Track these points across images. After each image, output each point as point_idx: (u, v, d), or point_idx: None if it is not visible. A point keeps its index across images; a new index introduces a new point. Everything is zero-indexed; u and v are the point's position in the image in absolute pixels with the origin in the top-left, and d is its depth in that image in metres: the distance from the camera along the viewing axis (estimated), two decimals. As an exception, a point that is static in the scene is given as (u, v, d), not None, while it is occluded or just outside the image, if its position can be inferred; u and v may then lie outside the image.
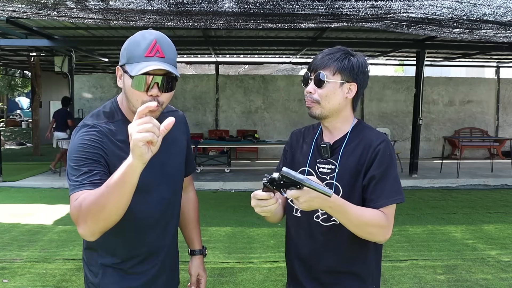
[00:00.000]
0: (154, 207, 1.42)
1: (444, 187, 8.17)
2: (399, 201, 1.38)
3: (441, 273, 3.92)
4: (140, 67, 1.21)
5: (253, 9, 4.69)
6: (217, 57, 11.79)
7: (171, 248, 1.55)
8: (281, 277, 3.74)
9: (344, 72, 1.40)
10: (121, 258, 1.41)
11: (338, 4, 4.45)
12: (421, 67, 8.73)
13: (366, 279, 1.45)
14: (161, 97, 1.27)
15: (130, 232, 1.39)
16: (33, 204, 6.49)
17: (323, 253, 1.45)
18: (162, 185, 1.43)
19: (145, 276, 1.44)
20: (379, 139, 1.41)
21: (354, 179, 1.39)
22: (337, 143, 1.45)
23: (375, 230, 1.33)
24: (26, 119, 20.84)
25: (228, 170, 9.28)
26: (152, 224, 1.43)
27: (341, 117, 1.46)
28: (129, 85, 1.26)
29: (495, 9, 4.26)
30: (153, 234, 1.44)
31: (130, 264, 1.42)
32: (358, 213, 1.31)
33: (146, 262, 1.44)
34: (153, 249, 1.45)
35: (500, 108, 12.27)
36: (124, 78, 1.28)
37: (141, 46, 1.23)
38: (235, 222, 5.55)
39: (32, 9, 4.75)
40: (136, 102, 1.27)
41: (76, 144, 1.29)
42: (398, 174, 1.41)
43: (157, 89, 1.24)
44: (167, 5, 4.53)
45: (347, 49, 1.45)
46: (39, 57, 11.99)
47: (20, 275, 3.76)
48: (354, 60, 1.43)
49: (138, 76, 1.21)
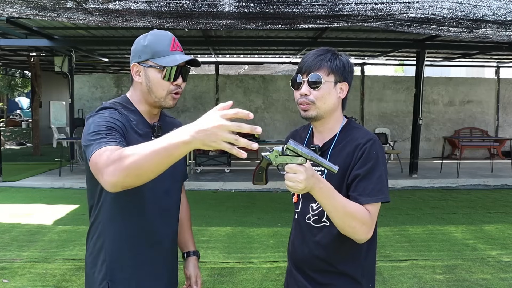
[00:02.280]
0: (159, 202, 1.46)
1: (444, 187, 8.17)
2: (382, 200, 1.36)
3: (441, 273, 3.92)
4: (172, 59, 1.37)
5: (253, 13, 4.69)
6: (217, 57, 11.79)
7: (172, 251, 1.58)
8: (281, 276, 3.74)
9: (337, 72, 1.42)
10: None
11: (338, 7, 4.46)
12: (421, 67, 8.73)
13: (360, 279, 1.45)
14: (182, 85, 1.44)
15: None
16: (33, 204, 6.49)
17: (316, 254, 1.46)
18: (167, 180, 1.46)
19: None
20: (365, 138, 1.40)
21: (342, 180, 1.39)
22: (326, 145, 1.46)
23: (358, 225, 1.31)
24: (26, 119, 20.85)
25: (228, 170, 9.28)
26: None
27: (333, 117, 1.47)
28: (157, 77, 1.39)
29: (495, 10, 4.26)
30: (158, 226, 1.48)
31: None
32: (344, 203, 1.30)
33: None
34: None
35: (500, 108, 12.28)
36: (148, 72, 1.40)
37: (164, 42, 1.39)
38: (235, 222, 5.55)
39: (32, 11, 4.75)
40: (162, 91, 1.40)
41: (96, 120, 1.30)
42: (384, 174, 1.38)
43: (182, 79, 1.42)
44: (167, 7, 4.53)
45: (333, 49, 1.46)
46: (39, 57, 11.99)
47: (20, 275, 3.77)
48: (344, 60, 1.44)
49: (173, 67, 1.37)
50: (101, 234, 1.43)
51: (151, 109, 1.47)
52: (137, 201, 1.40)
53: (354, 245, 1.39)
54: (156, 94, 1.41)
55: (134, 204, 1.40)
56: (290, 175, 1.22)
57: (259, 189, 7.73)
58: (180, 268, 1.67)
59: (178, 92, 1.43)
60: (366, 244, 1.41)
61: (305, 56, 1.46)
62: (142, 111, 1.46)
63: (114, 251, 1.42)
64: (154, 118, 1.50)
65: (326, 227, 1.43)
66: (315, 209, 1.46)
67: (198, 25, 5.48)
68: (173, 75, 1.39)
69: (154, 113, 1.49)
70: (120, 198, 1.36)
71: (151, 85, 1.41)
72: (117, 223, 1.41)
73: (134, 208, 1.41)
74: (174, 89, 1.41)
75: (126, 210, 1.41)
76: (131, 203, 1.40)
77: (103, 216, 1.42)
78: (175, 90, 1.41)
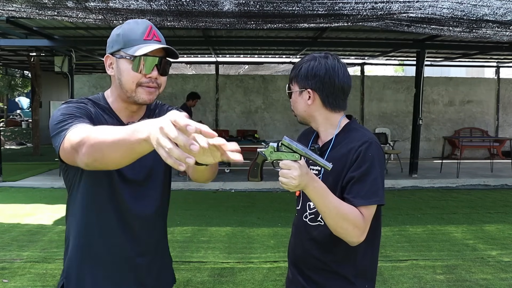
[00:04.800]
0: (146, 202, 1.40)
1: (444, 187, 8.17)
2: (376, 203, 1.35)
3: (441, 273, 3.92)
4: (142, 48, 1.23)
5: (253, 11, 4.69)
6: (217, 57, 11.79)
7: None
8: (281, 277, 3.74)
9: (298, 80, 1.46)
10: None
11: (338, 6, 4.46)
12: (421, 67, 8.73)
13: (354, 280, 1.44)
14: (159, 79, 1.30)
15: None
16: (33, 204, 6.49)
17: (311, 253, 1.47)
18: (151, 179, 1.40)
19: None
20: (361, 140, 1.39)
21: (337, 181, 1.39)
22: (325, 146, 1.47)
23: (350, 227, 1.30)
24: (26, 119, 20.83)
25: (228, 170, 9.27)
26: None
27: (319, 121, 1.48)
28: (127, 68, 1.26)
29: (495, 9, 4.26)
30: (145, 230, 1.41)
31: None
32: (337, 204, 1.30)
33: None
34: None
35: (500, 108, 12.27)
36: (119, 63, 1.28)
37: (138, 31, 1.26)
38: (235, 222, 5.55)
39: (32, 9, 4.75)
40: (131, 84, 1.27)
41: (60, 111, 1.23)
42: (380, 176, 1.37)
43: (157, 71, 1.27)
44: (167, 6, 4.53)
45: (316, 54, 1.46)
46: (39, 57, 11.99)
47: (20, 275, 3.76)
48: (307, 66, 1.43)
49: (141, 56, 1.23)
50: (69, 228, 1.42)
51: (128, 105, 1.35)
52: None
53: (348, 246, 1.39)
54: (126, 87, 1.28)
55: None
56: (284, 171, 1.23)
57: (259, 189, 7.72)
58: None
59: (151, 86, 1.28)
60: (363, 244, 1.39)
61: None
62: (117, 109, 1.35)
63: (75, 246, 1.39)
64: (133, 117, 1.37)
65: (321, 226, 1.43)
66: (312, 207, 1.47)
67: (198, 23, 5.48)
68: (147, 67, 1.25)
69: (132, 110, 1.37)
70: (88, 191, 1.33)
71: (121, 77, 1.29)
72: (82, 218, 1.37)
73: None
74: (146, 82, 1.27)
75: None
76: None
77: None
78: (147, 83, 1.27)
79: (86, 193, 1.34)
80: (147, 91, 1.29)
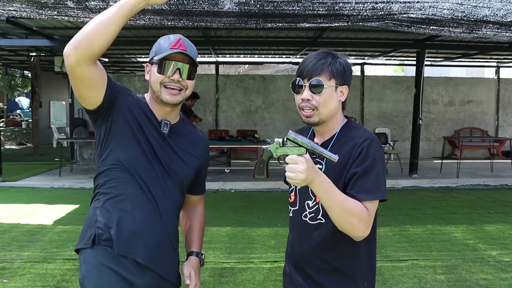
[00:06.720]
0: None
1: (444, 187, 8.17)
2: (379, 197, 1.36)
3: (441, 273, 3.92)
4: (164, 53, 1.45)
5: (253, 11, 4.70)
6: (217, 57, 11.79)
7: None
8: (281, 277, 3.74)
9: (337, 76, 1.42)
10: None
11: (338, 6, 4.46)
12: (421, 67, 8.73)
13: (357, 278, 1.45)
14: (183, 82, 1.48)
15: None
16: (33, 204, 6.49)
17: (312, 251, 1.47)
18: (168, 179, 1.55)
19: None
20: (363, 137, 1.40)
21: (339, 178, 1.40)
22: (325, 144, 1.47)
23: (356, 221, 1.31)
24: (26, 119, 20.84)
25: (228, 170, 9.28)
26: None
27: (334, 120, 1.47)
28: (154, 71, 1.48)
29: (495, 10, 4.26)
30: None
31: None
32: (343, 198, 1.31)
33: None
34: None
35: (500, 108, 12.28)
36: (152, 68, 1.50)
37: (167, 42, 1.48)
38: (235, 222, 5.55)
39: (32, 9, 4.75)
40: (156, 83, 1.48)
41: None
42: (382, 172, 1.38)
43: (179, 75, 1.46)
44: (168, 5, 4.54)
45: (332, 52, 1.46)
46: (39, 57, 11.99)
47: (20, 275, 3.76)
48: (343, 63, 1.44)
49: (161, 60, 1.45)
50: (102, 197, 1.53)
51: (160, 106, 1.53)
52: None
53: (350, 243, 1.40)
54: (153, 86, 1.50)
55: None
56: (291, 166, 1.23)
57: (259, 189, 7.73)
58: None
59: (172, 86, 1.47)
60: (363, 242, 1.40)
61: (305, 59, 1.45)
62: (153, 110, 1.54)
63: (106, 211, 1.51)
64: (167, 117, 1.56)
65: (322, 224, 1.44)
66: (311, 206, 1.47)
67: (198, 22, 5.48)
68: (167, 69, 1.45)
69: (165, 112, 1.55)
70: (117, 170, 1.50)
71: (150, 79, 1.51)
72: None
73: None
74: (168, 82, 1.47)
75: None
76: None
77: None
78: (168, 84, 1.47)
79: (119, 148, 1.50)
80: (169, 92, 1.48)
